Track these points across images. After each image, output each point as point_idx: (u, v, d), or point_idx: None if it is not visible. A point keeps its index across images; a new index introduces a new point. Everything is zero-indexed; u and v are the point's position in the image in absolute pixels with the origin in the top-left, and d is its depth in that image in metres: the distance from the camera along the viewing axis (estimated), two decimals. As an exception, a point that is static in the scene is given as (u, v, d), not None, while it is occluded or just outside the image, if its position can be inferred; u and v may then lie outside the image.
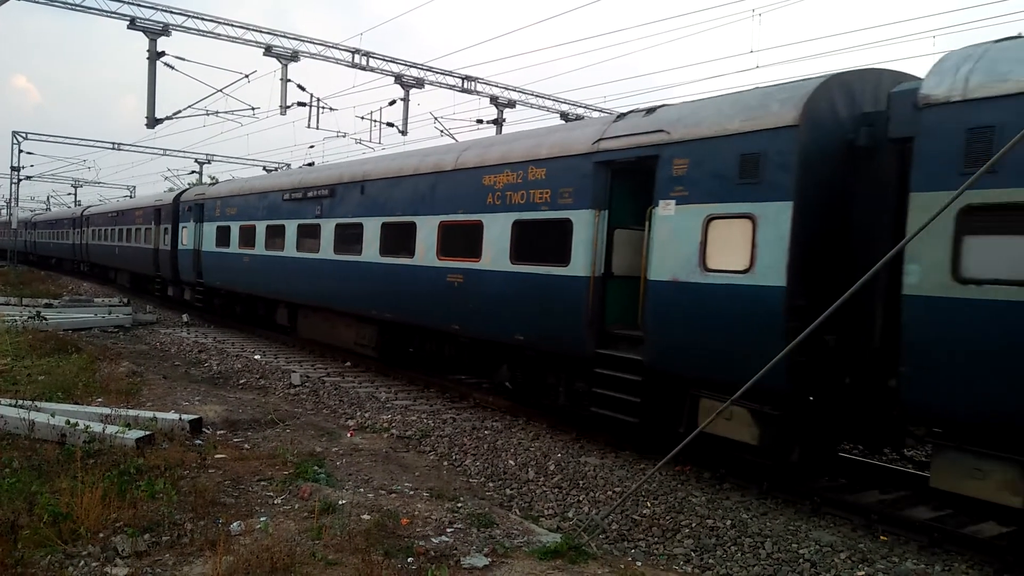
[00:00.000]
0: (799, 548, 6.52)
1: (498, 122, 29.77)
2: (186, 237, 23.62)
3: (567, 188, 9.79)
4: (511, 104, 30.02)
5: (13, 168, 45.04)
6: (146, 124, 22.30)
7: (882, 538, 6.82)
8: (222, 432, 9.36)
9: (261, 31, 23.52)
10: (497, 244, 10.86)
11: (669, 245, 8.37)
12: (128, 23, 21.18)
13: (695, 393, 8.28)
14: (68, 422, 7.90)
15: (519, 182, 10.60)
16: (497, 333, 10.96)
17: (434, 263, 12.18)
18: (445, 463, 9.07)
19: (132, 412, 8.96)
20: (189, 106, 24.92)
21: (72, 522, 5.49)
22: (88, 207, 44.80)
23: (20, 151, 44.60)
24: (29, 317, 17.94)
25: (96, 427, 7.86)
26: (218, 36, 23.00)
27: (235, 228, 20.15)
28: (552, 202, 10.01)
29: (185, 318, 22.83)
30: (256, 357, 16.31)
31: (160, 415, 8.96)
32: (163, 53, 21.67)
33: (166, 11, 21.77)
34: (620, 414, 8.97)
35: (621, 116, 9.86)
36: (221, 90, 24.02)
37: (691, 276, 8.08)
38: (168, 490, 6.18)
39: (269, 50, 23.45)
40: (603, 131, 9.57)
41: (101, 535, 5.46)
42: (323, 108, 25.90)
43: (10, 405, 8.71)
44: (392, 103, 27.14)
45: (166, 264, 25.42)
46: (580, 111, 30.84)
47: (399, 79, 26.59)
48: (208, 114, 25.66)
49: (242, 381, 13.81)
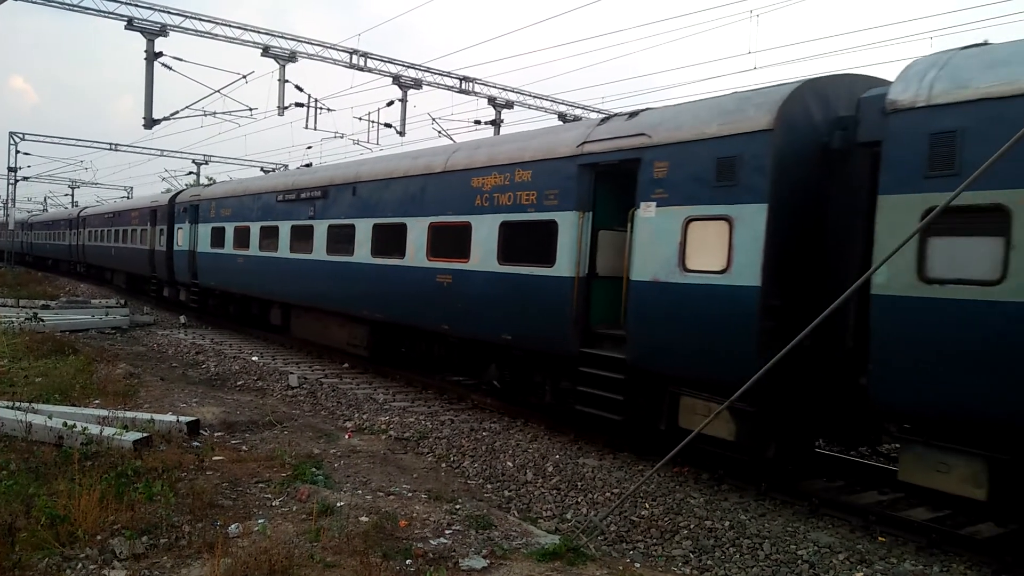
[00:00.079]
0: (797, 549, 6.53)
1: (496, 123, 29.77)
2: (181, 238, 23.73)
3: (552, 190, 9.94)
4: (509, 105, 30.02)
5: (10, 169, 45.05)
6: (143, 125, 22.26)
7: (880, 539, 6.83)
8: (220, 434, 9.34)
9: (259, 32, 23.51)
10: (485, 245, 11.00)
11: (650, 246, 8.54)
12: (126, 23, 21.16)
13: (675, 391, 8.47)
14: (65, 424, 7.88)
15: (506, 184, 10.74)
16: (485, 333, 11.11)
17: (424, 264, 12.32)
18: (443, 465, 9.06)
19: (130, 414, 8.94)
20: (187, 107, 24.88)
21: (70, 524, 5.48)
22: (85, 208, 44.72)
23: (17, 152, 44.60)
24: (26, 318, 17.91)
25: (94, 429, 7.84)
26: (216, 37, 22.98)
27: (229, 229, 20.23)
28: (538, 204, 10.15)
29: (182, 319, 22.80)
30: (254, 359, 16.29)
31: (158, 417, 8.94)
32: (161, 54, 21.64)
33: (164, 11, 21.77)
34: (604, 412, 9.14)
35: (605, 120, 10.05)
36: (219, 91, 24.01)
37: (671, 276, 8.26)
38: (166, 492, 6.17)
39: (267, 51, 23.43)
40: (587, 134, 9.74)
41: (99, 537, 5.44)
42: (321, 109, 25.89)
43: (7, 407, 8.69)
44: (390, 104, 27.13)
45: (162, 265, 25.52)
46: (578, 112, 30.86)
47: (397, 80, 26.58)
48: (206, 115, 25.61)
49: (240, 383, 13.79)
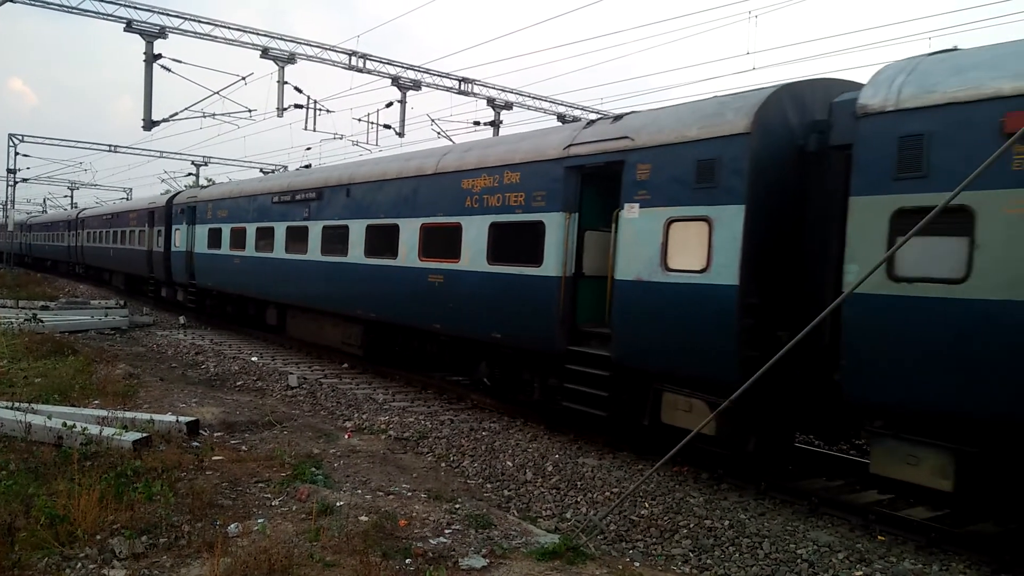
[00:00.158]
0: (797, 548, 6.53)
1: (495, 124, 29.77)
2: (179, 239, 23.88)
3: (540, 191, 10.14)
4: (508, 106, 30.00)
5: (9, 170, 45.01)
6: (143, 126, 22.23)
7: (880, 538, 6.83)
8: (219, 434, 9.34)
9: (258, 33, 23.49)
10: (475, 245, 11.21)
11: (634, 246, 8.74)
12: (124, 26, 21.13)
13: (658, 387, 8.65)
14: (65, 424, 7.88)
15: (495, 185, 10.94)
16: (476, 331, 11.30)
17: (416, 264, 12.52)
18: (443, 464, 9.06)
19: (129, 414, 8.94)
20: (186, 108, 24.85)
21: (69, 524, 5.48)
22: (83, 209, 44.74)
23: (16, 153, 44.54)
24: (26, 319, 17.90)
25: (93, 429, 7.84)
26: (215, 38, 22.94)
27: (226, 230, 20.39)
28: (526, 205, 10.36)
29: (182, 320, 22.81)
30: (253, 359, 16.29)
31: (157, 417, 8.94)
32: (160, 55, 21.61)
33: (163, 13, 21.74)
34: (590, 408, 9.34)
35: (590, 123, 10.30)
36: (218, 92, 23.99)
37: (653, 276, 8.46)
38: (165, 492, 6.17)
39: (266, 52, 23.41)
40: (573, 137, 9.95)
41: (98, 537, 5.44)
42: (320, 110, 25.86)
43: (7, 407, 8.70)
44: (389, 105, 27.11)
45: (159, 266, 25.67)
46: (577, 113, 30.84)
47: (396, 81, 26.56)
48: (205, 116, 25.58)
49: (239, 383, 13.79)
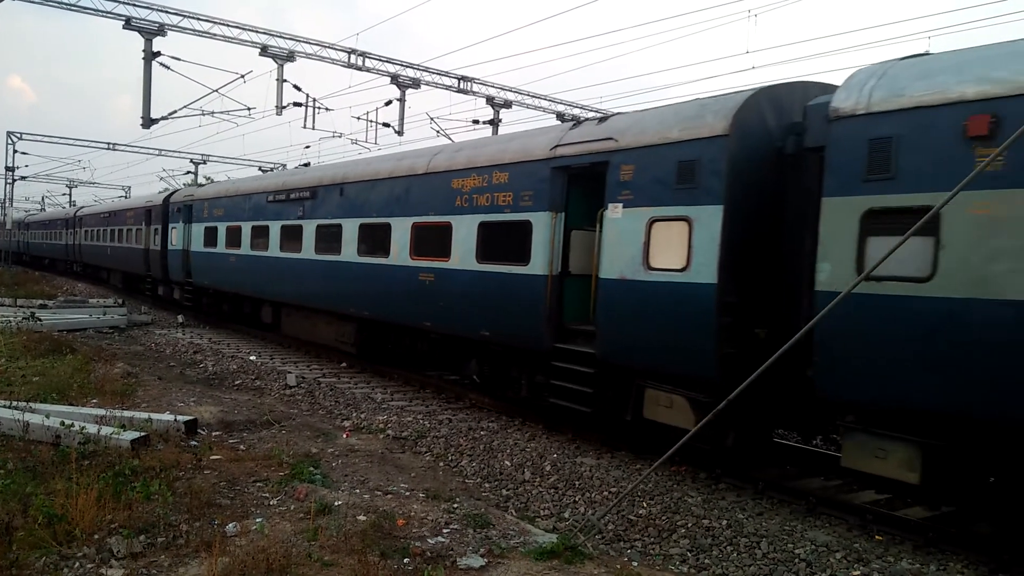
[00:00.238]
0: (795, 548, 6.54)
1: (494, 122, 29.74)
2: (175, 238, 24.00)
3: (527, 191, 10.30)
4: (507, 104, 29.99)
5: (8, 168, 44.89)
6: (141, 124, 22.20)
7: (877, 538, 6.84)
8: (218, 433, 9.34)
9: (257, 31, 23.47)
10: (465, 244, 11.35)
11: (617, 245, 8.91)
12: (124, 23, 21.11)
13: (641, 383, 8.82)
14: (63, 423, 7.87)
15: (484, 185, 11.10)
16: (465, 329, 11.48)
17: (407, 263, 12.68)
18: (441, 464, 9.06)
19: (127, 413, 8.94)
20: (185, 106, 24.81)
21: (67, 523, 5.48)
22: (81, 208, 44.73)
23: (15, 151, 44.46)
24: (24, 318, 17.89)
25: (91, 428, 7.84)
26: (214, 36, 22.93)
27: (222, 229, 20.51)
28: (514, 204, 10.51)
29: (180, 319, 22.79)
30: (251, 358, 16.29)
31: (155, 416, 8.94)
32: (159, 53, 21.59)
33: (162, 11, 21.72)
34: (575, 404, 9.51)
35: (577, 124, 10.50)
36: (217, 90, 23.96)
37: (636, 274, 8.63)
38: (163, 491, 6.16)
39: (265, 50, 23.39)
40: (560, 138, 10.10)
41: (96, 536, 5.44)
42: (319, 108, 25.85)
43: (5, 406, 8.68)
44: (388, 103, 27.10)
45: (156, 264, 25.78)
46: (576, 111, 30.82)
47: (395, 79, 26.54)
48: (204, 114, 25.54)
49: (237, 382, 13.78)
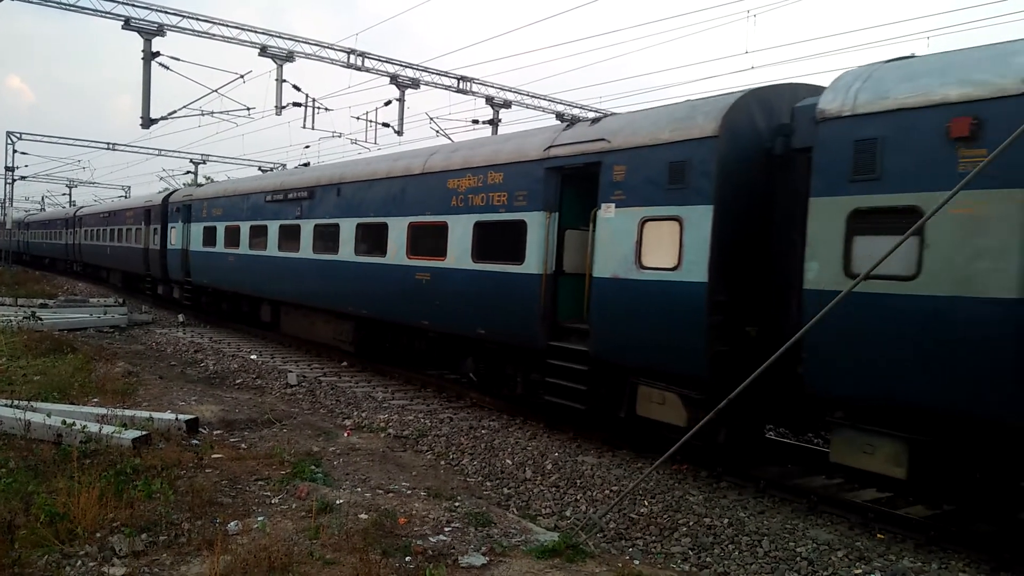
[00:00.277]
0: (796, 546, 6.54)
1: (494, 122, 29.73)
2: (174, 237, 24.15)
3: (522, 191, 10.43)
4: (507, 104, 29.97)
5: (7, 168, 44.86)
6: (141, 124, 22.18)
7: (879, 536, 6.84)
8: (219, 432, 9.34)
9: (256, 31, 23.45)
10: (460, 244, 11.47)
11: (610, 245, 9.04)
12: (123, 23, 21.08)
13: (634, 381, 8.93)
14: (64, 422, 7.87)
15: (480, 185, 11.22)
16: (461, 328, 11.59)
17: (404, 262, 12.80)
18: (442, 462, 9.06)
19: (128, 412, 8.94)
20: (184, 106, 24.79)
21: (69, 522, 5.48)
22: (81, 208, 44.75)
23: (14, 151, 44.44)
24: (24, 317, 17.89)
25: (92, 427, 7.83)
26: (213, 36, 22.91)
27: (220, 228, 20.62)
28: (509, 204, 10.63)
29: (181, 318, 22.78)
30: (252, 357, 16.29)
31: (156, 415, 8.94)
32: (158, 53, 21.57)
33: (161, 11, 21.70)
34: (569, 401, 9.61)
35: (570, 125, 10.65)
36: (216, 90, 23.94)
37: (629, 273, 8.76)
38: (165, 490, 6.17)
39: (264, 50, 23.37)
40: (554, 139, 10.22)
41: (98, 535, 5.44)
42: (319, 108, 25.84)
43: (6, 405, 8.68)
44: (388, 103, 27.09)
45: (156, 263, 25.90)
46: (575, 111, 30.81)
47: (395, 79, 26.52)
48: (203, 114, 25.54)
49: (238, 381, 13.78)
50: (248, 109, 25.64)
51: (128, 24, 21.14)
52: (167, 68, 21.93)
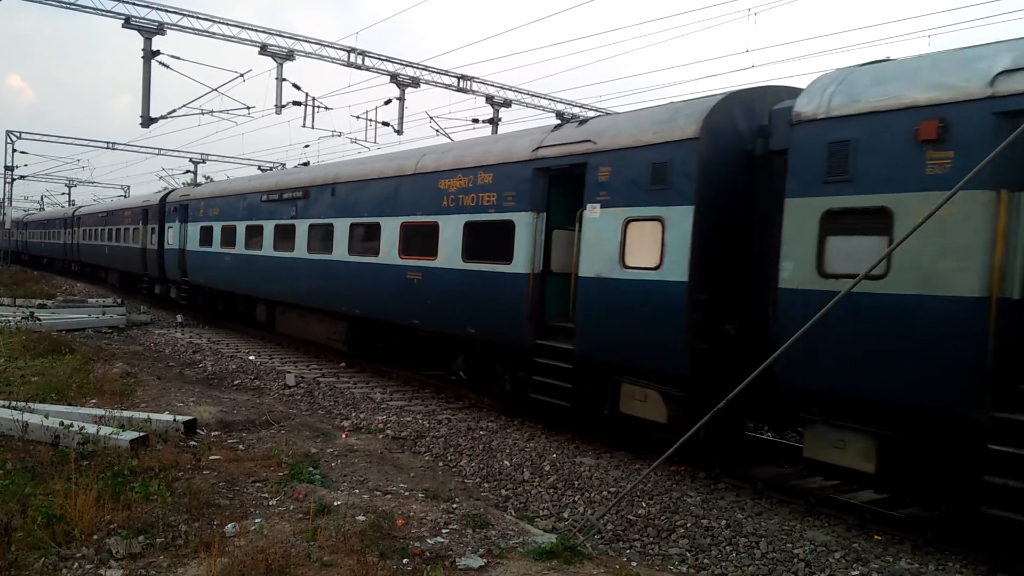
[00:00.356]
0: (794, 548, 6.54)
1: (494, 121, 29.71)
2: (172, 237, 24.27)
3: (510, 192, 10.54)
4: (507, 103, 29.95)
5: (7, 167, 44.85)
6: (141, 123, 22.17)
7: (876, 537, 6.85)
8: (217, 433, 9.33)
9: (256, 30, 23.43)
10: (451, 244, 11.58)
11: (595, 245, 9.17)
12: (123, 22, 21.06)
13: (617, 379, 9.06)
14: (62, 423, 7.86)
15: (470, 186, 11.33)
16: (452, 327, 11.73)
17: (396, 262, 12.92)
18: (440, 464, 9.07)
19: (126, 413, 8.93)
20: (184, 105, 24.77)
21: (66, 524, 5.47)
22: (79, 207, 44.75)
23: (14, 150, 44.42)
24: (22, 318, 17.87)
25: (90, 428, 7.83)
26: (213, 35, 22.90)
27: (217, 228, 20.73)
28: (498, 204, 10.74)
29: (179, 319, 22.79)
30: (251, 358, 16.29)
31: (154, 416, 8.94)
32: (158, 52, 21.55)
33: (161, 10, 21.68)
34: (555, 399, 9.73)
35: (558, 126, 10.77)
36: (216, 89, 23.93)
37: (613, 272, 8.89)
38: (162, 492, 6.16)
39: (264, 49, 23.36)
40: (541, 140, 10.35)
41: (95, 537, 5.44)
42: (319, 107, 25.84)
43: (3, 406, 8.68)
44: (388, 102, 27.07)
45: (153, 263, 26.00)
46: (576, 110, 30.79)
47: (395, 78, 26.50)
48: (203, 113, 25.51)
49: (237, 382, 13.78)
50: (248, 108, 25.64)
51: (128, 23, 21.11)
52: (167, 67, 21.93)
